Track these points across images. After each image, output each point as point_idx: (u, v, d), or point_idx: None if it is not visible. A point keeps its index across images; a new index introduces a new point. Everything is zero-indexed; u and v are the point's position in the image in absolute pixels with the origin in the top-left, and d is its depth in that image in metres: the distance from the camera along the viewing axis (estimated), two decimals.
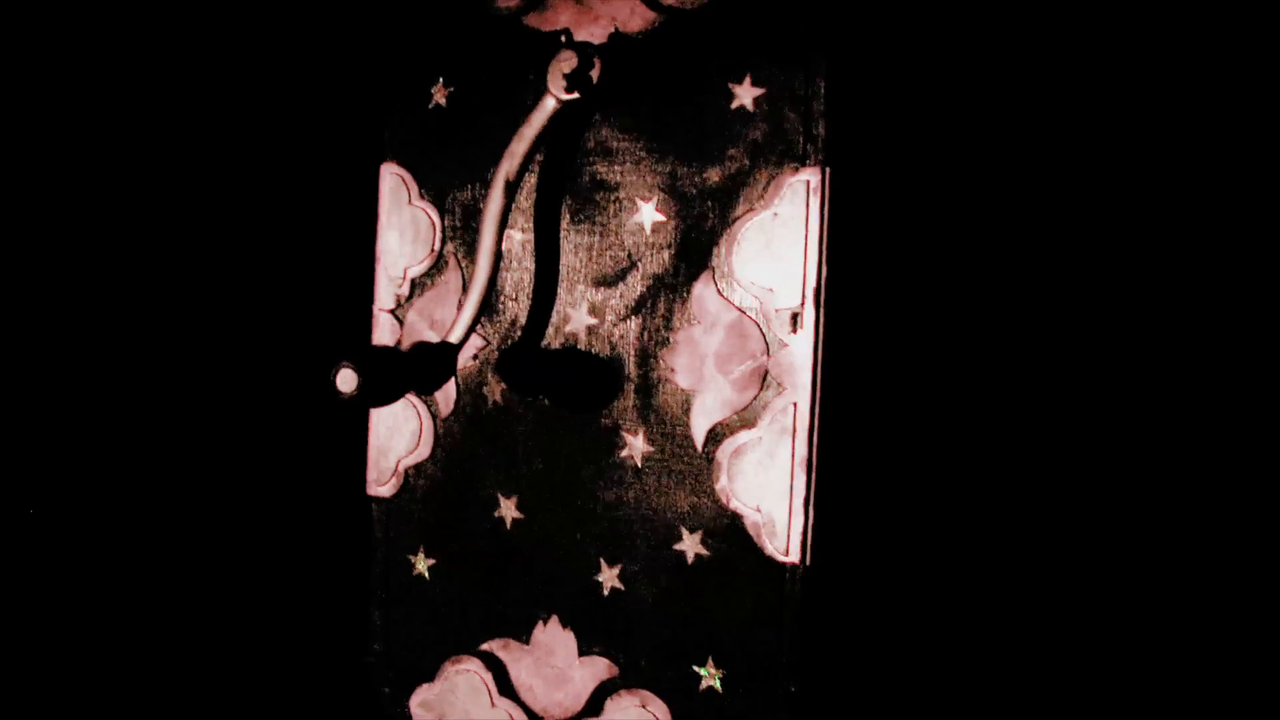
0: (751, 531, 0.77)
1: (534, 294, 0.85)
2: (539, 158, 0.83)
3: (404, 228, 0.91)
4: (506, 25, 0.86)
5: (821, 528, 0.76)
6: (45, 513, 0.97)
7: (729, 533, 0.78)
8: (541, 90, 0.84)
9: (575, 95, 0.77)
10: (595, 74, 0.78)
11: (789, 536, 0.76)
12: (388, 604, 0.94)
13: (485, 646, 0.89)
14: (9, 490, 0.97)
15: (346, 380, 0.68)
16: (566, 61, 0.77)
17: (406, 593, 0.93)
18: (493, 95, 0.87)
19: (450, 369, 0.80)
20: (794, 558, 0.76)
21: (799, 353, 0.75)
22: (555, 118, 0.79)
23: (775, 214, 0.75)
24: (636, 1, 0.80)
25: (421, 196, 0.90)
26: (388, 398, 0.72)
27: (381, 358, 0.71)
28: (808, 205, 0.74)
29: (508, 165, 0.79)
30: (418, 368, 0.76)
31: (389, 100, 0.92)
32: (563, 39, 0.80)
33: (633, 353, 0.81)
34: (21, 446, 0.98)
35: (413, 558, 0.92)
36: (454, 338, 0.80)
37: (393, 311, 0.92)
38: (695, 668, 0.80)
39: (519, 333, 0.86)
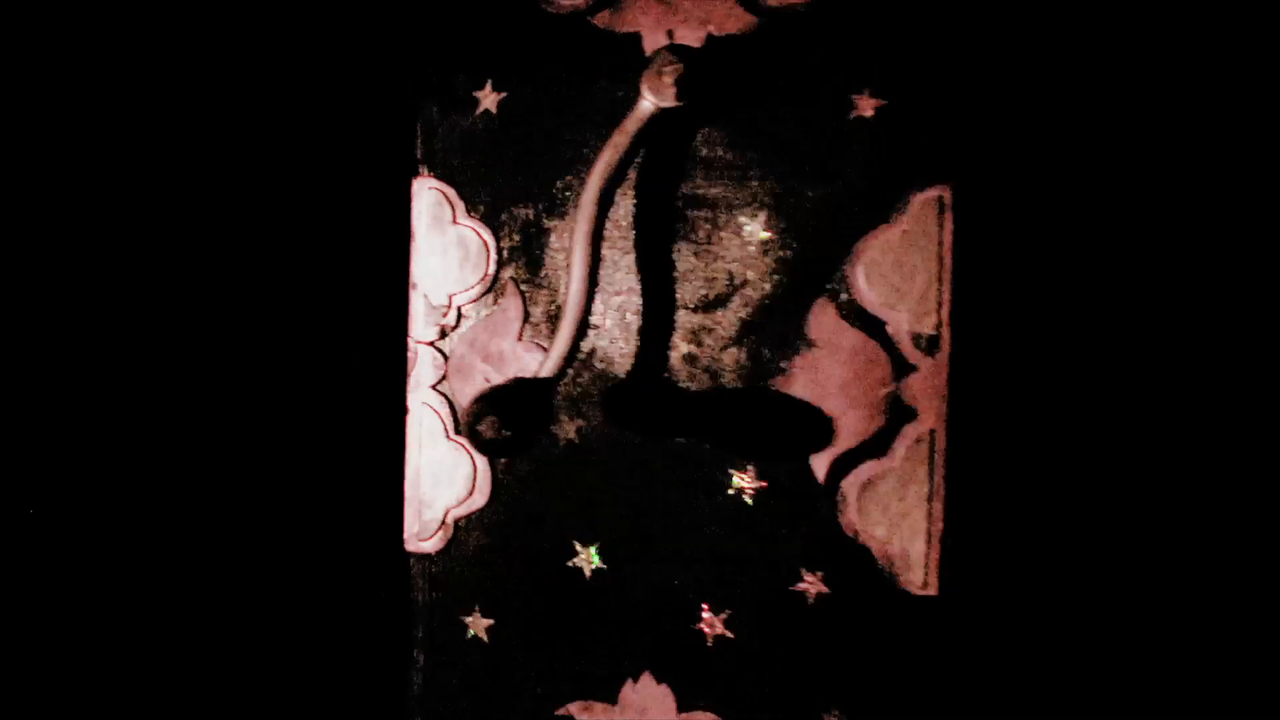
0: (884, 566, 0.73)
1: (621, 321, 0.77)
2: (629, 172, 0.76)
3: (448, 250, 0.81)
4: (571, 25, 0.78)
5: (959, 559, 0.72)
6: (62, 549, 0.83)
7: (857, 569, 0.74)
8: (621, 96, 0.77)
9: (679, 102, 0.70)
10: (698, 79, 0.72)
11: (926, 569, 0.72)
12: (435, 671, 0.83)
13: (562, 711, 0.81)
14: (40, 513, 0.82)
15: (490, 425, 0.59)
16: (670, 65, 0.70)
17: (460, 658, 0.82)
18: (556, 102, 0.79)
19: (549, 408, 0.71)
20: (932, 590, 0.72)
21: (933, 377, 0.71)
22: (645, 127, 0.72)
23: (904, 231, 0.71)
24: (733, 3, 0.74)
25: (469, 214, 0.81)
26: (527, 444, 0.63)
27: (517, 396, 0.62)
28: (940, 222, 0.71)
29: (600, 177, 0.72)
30: (531, 407, 0.67)
31: (424, 107, 0.81)
32: (665, 43, 0.74)
33: (739, 382, 0.75)
34: (50, 487, 0.83)
35: (467, 619, 0.82)
36: (547, 371, 0.72)
37: (434, 344, 0.81)
38: (825, 715, 0.75)
39: (600, 364, 0.78)
